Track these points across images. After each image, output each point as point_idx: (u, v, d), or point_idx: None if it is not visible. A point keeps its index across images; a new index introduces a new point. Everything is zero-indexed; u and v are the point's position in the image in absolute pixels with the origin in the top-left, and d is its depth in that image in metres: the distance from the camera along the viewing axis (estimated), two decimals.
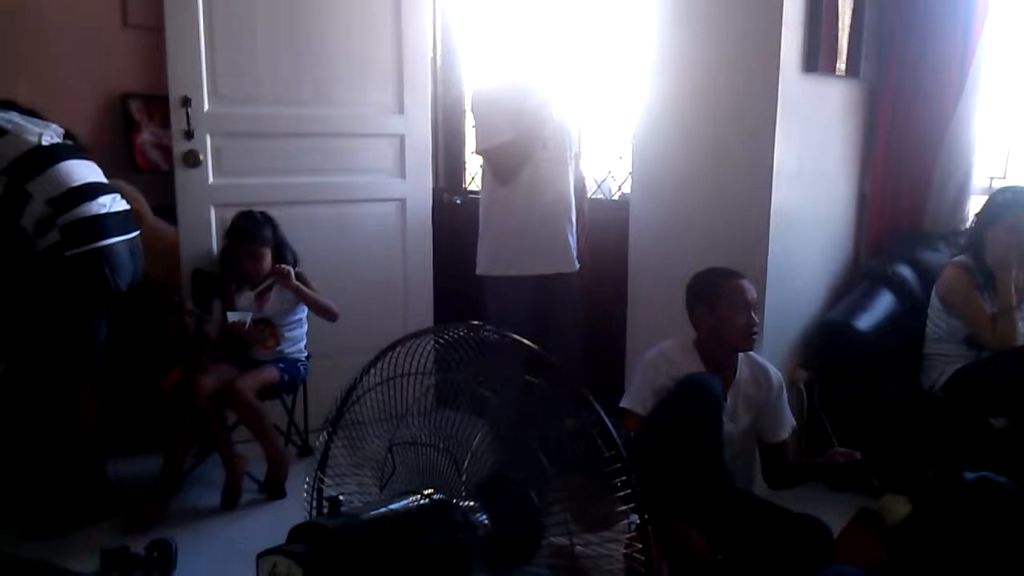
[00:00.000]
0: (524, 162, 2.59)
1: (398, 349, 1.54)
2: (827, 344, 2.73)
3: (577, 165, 2.82)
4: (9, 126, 2.40)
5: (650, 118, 2.72)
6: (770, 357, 2.35)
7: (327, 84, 3.17)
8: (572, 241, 2.72)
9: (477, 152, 2.68)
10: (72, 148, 2.53)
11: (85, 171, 2.47)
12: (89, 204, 2.40)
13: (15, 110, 2.50)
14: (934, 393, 2.55)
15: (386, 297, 3.32)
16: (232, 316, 2.70)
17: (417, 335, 1.53)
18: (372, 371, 1.56)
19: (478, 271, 2.71)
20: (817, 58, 2.56)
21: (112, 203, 2.47)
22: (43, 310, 2.38)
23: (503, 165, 2.61)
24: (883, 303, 2.78)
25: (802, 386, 2.67)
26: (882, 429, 2.50)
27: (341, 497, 1.33)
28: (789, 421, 2.26)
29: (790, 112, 2.49)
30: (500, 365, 1.50)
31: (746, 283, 2.15)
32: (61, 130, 2.53)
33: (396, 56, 3.26)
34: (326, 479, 1.63)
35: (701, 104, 2.58)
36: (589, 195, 3.05)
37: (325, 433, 1.65)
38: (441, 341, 1.51)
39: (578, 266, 2.75)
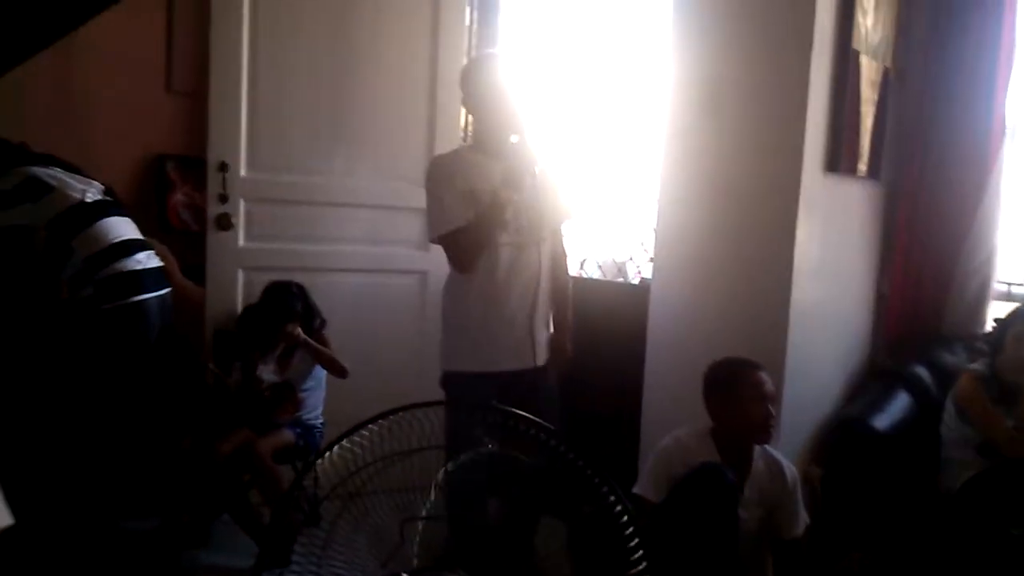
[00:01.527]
0: (483, 249, 2.31)
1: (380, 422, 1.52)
2: (843, 442, 2.70)
3: (558, 245, 2.53)
4: (54, 182, 2.49)
5: (673, 206, 2.76)
6: (786, 452, 2.34)
7: (359, 156, 3.25)
8: (542, 333, 2.43)
9: (431, 239, 2.39)
10: (113, 204, 2.62)
11: (124, 228, 2.56)
12: (126, 260, 2.50)
13: (58, 165, 2.60)
14: (951, 498, 2.51)
15: (403, 369, 3.33)
16: (262, 371, 2.73)
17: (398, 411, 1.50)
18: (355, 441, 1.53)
19: (441, 366, 2.44)
20: (839, 159, 2.62)
21: (147, 259, 2.56)
22: (75, 362, 2.42)
23: (460, 253, 2.33)
24: (900, 403, 2.76)
25: (816, 484, 2.64)
26: (898, 532, 2.46)
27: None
28: (803, 518, 2.24)
29: (811, 210, 2.54)
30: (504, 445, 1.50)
31: (764, 374, 2.16)
32: (102, 187, 2.63)
33: (428, 132, 3.34)
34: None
35: (724, 196, 2.63)
36: (608, 278, 3.05)
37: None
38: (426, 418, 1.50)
39: (542, 361, 2.42)
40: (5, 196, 2.45)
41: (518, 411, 1.48)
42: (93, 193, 2.56)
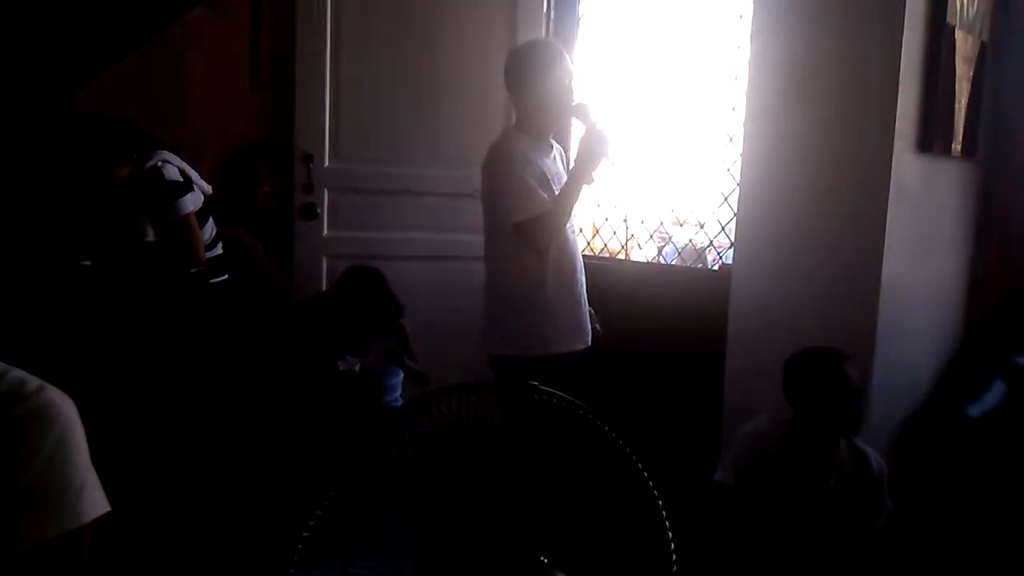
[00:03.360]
0: (563, 230, 2.34)
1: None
2: (933, 429, 2.62)
3: None
4: (194, 177, 2.77)
5: (757, 189, 2.68)
6: (875, 438, 2.28)
7: (438, 145, 3.29)
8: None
9: (516, 223, 2.29)
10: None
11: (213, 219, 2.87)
12: (219, 246, 2.86)
13: (165, 147, 2.77)
14: None
15: (478, 354, 3.36)
16: (343, 364, 2.80)
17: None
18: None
19: (494, 351, 2.45)
20: (932, 139, 2.52)
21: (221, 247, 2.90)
22: (193, 333, 2.73)
23: (547, 236, 2.30)
24: (995, 392, 2.66)
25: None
26: (995, 526, 2.38)
27: None
28: (887, 508, 2.18)
29: (902, 192, 2.45)
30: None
31: (848, 367, 2.06)
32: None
33: (505, 121, 3.34)
34: None
35: (810, 178, 2.55)
36: (688, 263, 3.04)
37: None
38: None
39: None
40: (180, 188, 2.69)
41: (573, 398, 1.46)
42: (207, 187, 2.85)
